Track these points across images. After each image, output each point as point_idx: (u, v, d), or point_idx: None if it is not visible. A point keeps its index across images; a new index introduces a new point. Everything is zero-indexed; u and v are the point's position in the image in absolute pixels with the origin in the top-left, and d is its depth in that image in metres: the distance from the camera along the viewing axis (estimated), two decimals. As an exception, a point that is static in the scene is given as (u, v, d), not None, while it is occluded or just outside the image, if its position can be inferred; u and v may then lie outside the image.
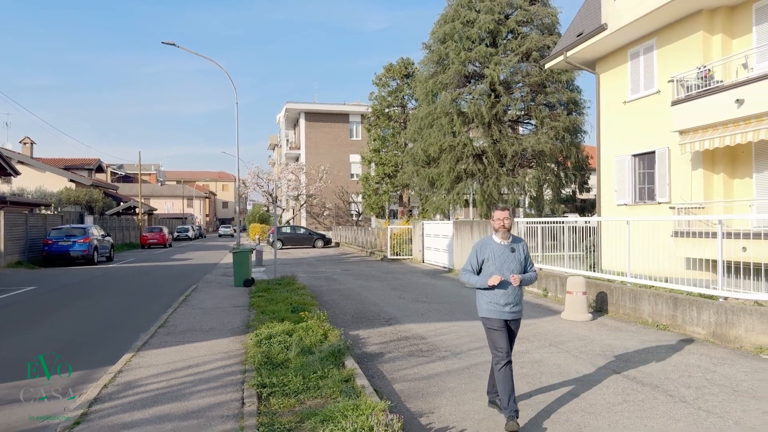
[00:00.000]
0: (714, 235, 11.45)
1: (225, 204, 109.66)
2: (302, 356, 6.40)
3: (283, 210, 48.43)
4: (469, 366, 6.64)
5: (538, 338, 8.10)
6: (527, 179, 24.49)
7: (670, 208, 13.85)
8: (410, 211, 36.57)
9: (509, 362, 4.65)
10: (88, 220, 33.67)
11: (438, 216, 27.72)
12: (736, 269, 10.67)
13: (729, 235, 11.12)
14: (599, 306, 10.82)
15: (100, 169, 49.70)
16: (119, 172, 75.27)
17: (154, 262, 25.93)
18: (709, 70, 12.80)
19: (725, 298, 8.23)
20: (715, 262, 11.61)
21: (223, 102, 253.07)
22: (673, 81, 13.40)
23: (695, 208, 13.47)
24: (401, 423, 4.19)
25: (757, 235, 9.96)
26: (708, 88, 12.47)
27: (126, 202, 46.73)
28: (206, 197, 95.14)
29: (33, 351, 7.65)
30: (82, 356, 7.48)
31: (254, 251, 20.50)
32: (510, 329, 4.85)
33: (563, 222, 14.22)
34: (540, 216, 22.96)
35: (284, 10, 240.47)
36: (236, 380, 5.82)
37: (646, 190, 15.47)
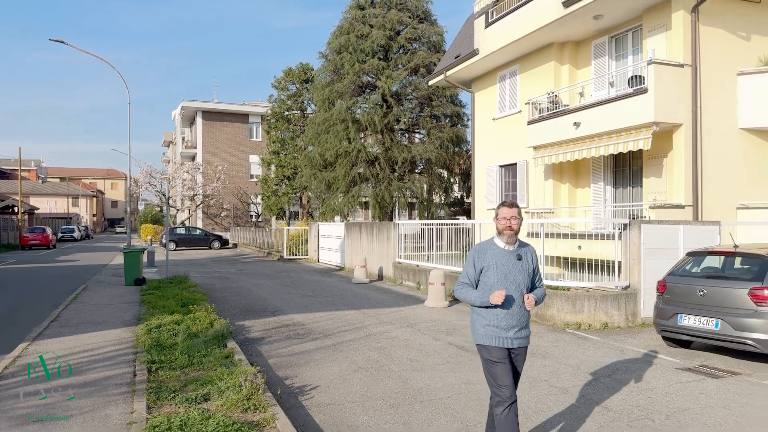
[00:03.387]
0: (558, 235, 13.68)
1: (114, 203, 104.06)
2: (189, 340, 7.33)
3: (178, 210, 47.44)
4: (335, 343, 7.93)
5: (399, 321, 9.57)
6: (416, 185, 26.39)
7: (527, 212, 16.04)
8: (311, 213, 37.52)
9: (514, 402, 3.76)
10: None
11: (337, 218, 28.97)
12: (572, 264, 12.88)
13: (568, 235, 13.36)
14: (458, 296, 12.58)
15: (-29, 164, 45.92)
16: (-7, 168, 69.37)
17: (38, 264, 24.95)
18: (556, 95, 15.08)
19: (547, 287, 10.17)
20: (559, 258, 13.86)
21: (115, 97, 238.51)
22: (529, 103, 15.59)
23: (546, 212, 15.75)
24: (264, 379, 5.38)
25: (589, 236, 12.17)
26: (555, 111, 14.72)
27: (3, 200, 43.61)
28: (93, 196, 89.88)
29: None
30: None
31: (146, 252, 20.59)
32: (514, 360, 3.92)
33: (448, 224, 15.91)
34: (431, 219, 24.97)
35: (193, 4, 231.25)
36: (128, 359, 6.68)
37: (510, 197, 17.65)
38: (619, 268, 9.80)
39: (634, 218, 13.25)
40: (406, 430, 4.73)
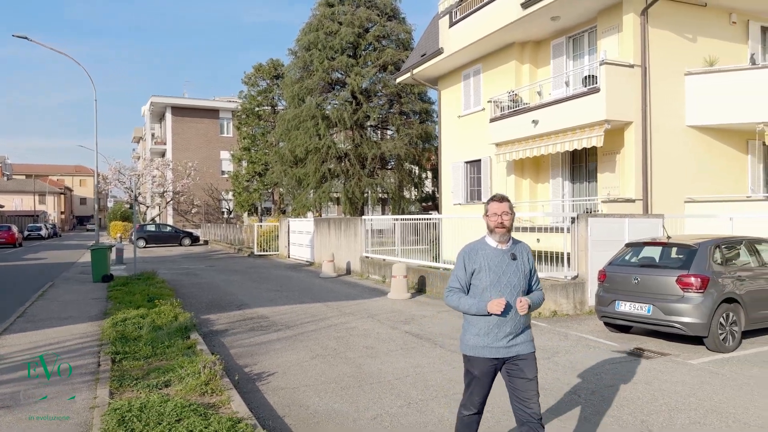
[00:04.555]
0: (519, 229, 14.19)
1: (83, 200, 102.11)
2: (153, 332, 7.58)
3: (148, 207, 47.01)
4: (296, 334, 8.27)
5: (361, 312, 9.95)
6: (387, 181, 26.78)
7: (490, 207, 16.55)
8: (283, 209, 37.62)
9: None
10: None
11: (309, 213, 29.19)
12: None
13: (528, 229, 13.90)
14: (420, 287, 13.04)
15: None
16: (-45, 165, 67.53)
17: (4, 262, 24.63)
18: (516, 94, 15.60)
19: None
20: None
21: (83, 92, 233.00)
22: (491, 102, 16.08)
23: (508, 207, 16.27)
24: (222, 366, 5.71)
25: (547, 229, 12.70)
26: (515, 109, 15.23)
27: (-35, 197, 42.61)
28: (61, 193, 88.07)
29: None
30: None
31: (114, 249, 20.56)
32: (515, 370, 3.53)
33: (414, 218, 16.24)
34: (402, 214, 25.38)
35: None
36: (93, 351, 6.92)
37: (476, 192, 18.17)
38: (569, 259, 10.33)
39: (589, 212, 13.88)
40: (353, 408, 5.10)
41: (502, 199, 3.58)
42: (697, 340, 7.31)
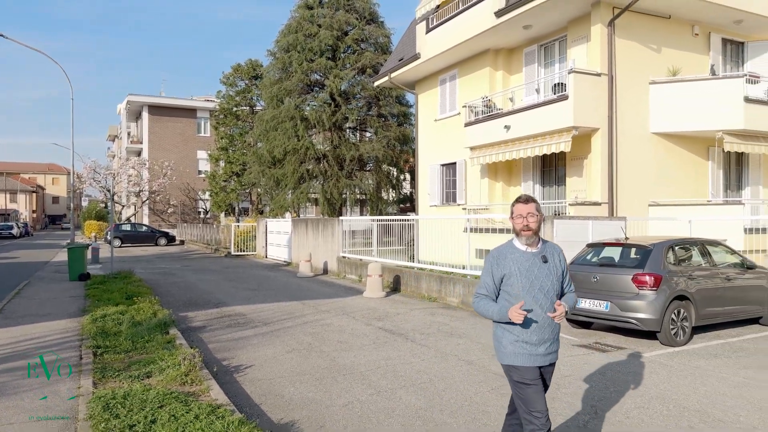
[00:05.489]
0: (493, 230, 14.62)
1: (56, 199, 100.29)
2: (133, 328, 7.79)
3: (123, 206, 46.56)
4: (273, 330, 8.55)
5: (336, 310, 10.27)
6: (365, 182, 27.08)
7: (463, 209, 17.00)
8: (261, 210, 37.66)
9: (549, 429, 3.35)
10: None
11: (288, 214, 29.34)
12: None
13: (502, 230, 14.33)
14: (395, 286, 13.41)
15: None
16: None
17: (-27, 261, 24.31)
18: (489, 99, 16.08)
19: (472, 276, 11.09)
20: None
21: (57, 89, 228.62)
22: (466, 106, 16.53)
23: (482, 209, 16.73)
24: (201, 357, 5.98)
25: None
26: (489, 114, 15.69)
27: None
28: (33, 191, 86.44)
29: None
30: None
31: (90, 248, 20.49)
32: (543, 379, 3.45)
33: (391, 219, 16.57)
34: (380, 215, 25.71)
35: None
36: (74, 345, 7.11)
37: (451, 194, 18.60)
38: (536, 259, 10.76)
39: (558, 214, 14.38)
40: (326, 397, 5.42)
41: (527, 200, 3.41)
42: (651, 335, 7.78)
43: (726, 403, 5.28)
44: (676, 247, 8.10)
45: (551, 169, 15.67)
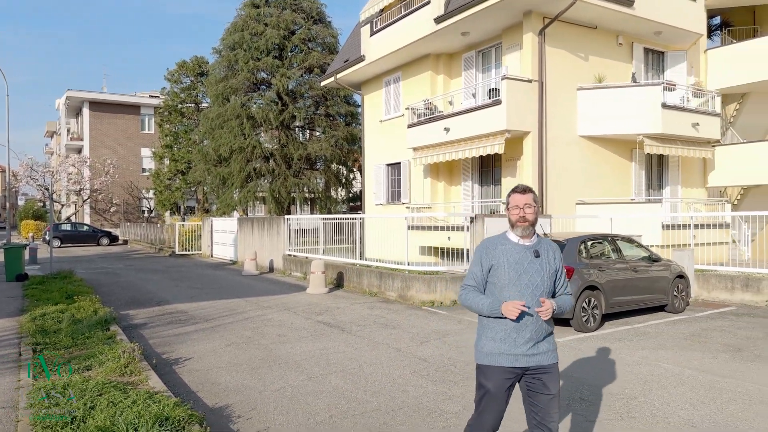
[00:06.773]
0: (435, 228, 15.23)
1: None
2: (73, 325, 7.90)
3: (63, 205, 45.02)
4: (214, 326, 8.84)
5: (278, 306, 10.62)
6: (313, 181, 27.34)
7: (407, 207, 17.58)
8: (207, 208, 37.25)
9: None
10: None
11: (235, 213, 29.23)
12: (445, 252, 14.48)
13: (444, 228, 14.97)
14: (338, 282, 13.85)
15: None
16: None
17: None
18: (431, 102, 16.70)
19: (408, 271, 11.65)
20: (435, 248, 15.48)
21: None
22: (408, 109, 17.10)
23: (424, 207, 17.34)
24: (141, 350, 6.27)
25: (455, 228, 13.81)
26: (430, 117, 16.31)
27: None
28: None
29: None
30: None
31: (27, 248, 19.95)
32: (536, 384, 3.15)
33: (337, 218, 16.92)
34: (330, 214, 26.04)
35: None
36: (13, 342, 7.20)
37: (396, 193, 19.15)
38: (468, 254, 11.43)
39: (494, 213, 15.15)
40: (260, 383, 5.80)
41: (524, 190, 3.24)
42: (565, 322, 8.52)
43: (619, 378, 5.98)
44: (589, 242, 8.88)
45: (489, 169, 16.44)
